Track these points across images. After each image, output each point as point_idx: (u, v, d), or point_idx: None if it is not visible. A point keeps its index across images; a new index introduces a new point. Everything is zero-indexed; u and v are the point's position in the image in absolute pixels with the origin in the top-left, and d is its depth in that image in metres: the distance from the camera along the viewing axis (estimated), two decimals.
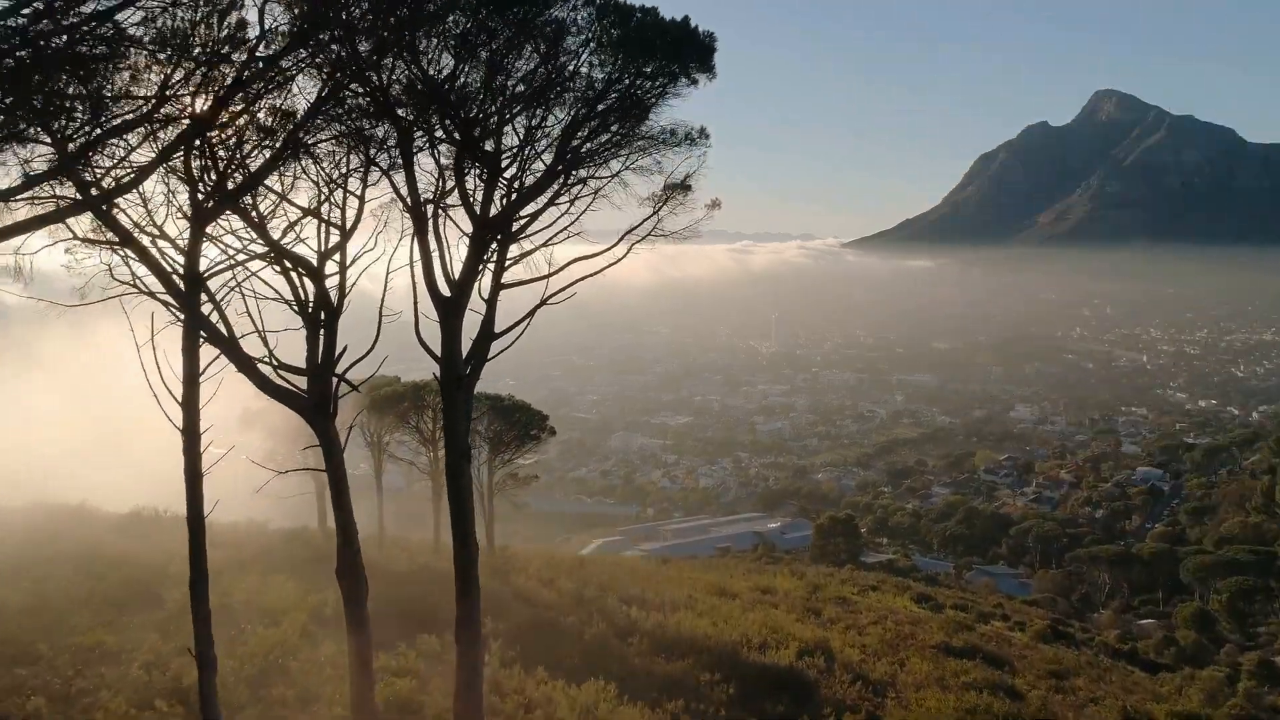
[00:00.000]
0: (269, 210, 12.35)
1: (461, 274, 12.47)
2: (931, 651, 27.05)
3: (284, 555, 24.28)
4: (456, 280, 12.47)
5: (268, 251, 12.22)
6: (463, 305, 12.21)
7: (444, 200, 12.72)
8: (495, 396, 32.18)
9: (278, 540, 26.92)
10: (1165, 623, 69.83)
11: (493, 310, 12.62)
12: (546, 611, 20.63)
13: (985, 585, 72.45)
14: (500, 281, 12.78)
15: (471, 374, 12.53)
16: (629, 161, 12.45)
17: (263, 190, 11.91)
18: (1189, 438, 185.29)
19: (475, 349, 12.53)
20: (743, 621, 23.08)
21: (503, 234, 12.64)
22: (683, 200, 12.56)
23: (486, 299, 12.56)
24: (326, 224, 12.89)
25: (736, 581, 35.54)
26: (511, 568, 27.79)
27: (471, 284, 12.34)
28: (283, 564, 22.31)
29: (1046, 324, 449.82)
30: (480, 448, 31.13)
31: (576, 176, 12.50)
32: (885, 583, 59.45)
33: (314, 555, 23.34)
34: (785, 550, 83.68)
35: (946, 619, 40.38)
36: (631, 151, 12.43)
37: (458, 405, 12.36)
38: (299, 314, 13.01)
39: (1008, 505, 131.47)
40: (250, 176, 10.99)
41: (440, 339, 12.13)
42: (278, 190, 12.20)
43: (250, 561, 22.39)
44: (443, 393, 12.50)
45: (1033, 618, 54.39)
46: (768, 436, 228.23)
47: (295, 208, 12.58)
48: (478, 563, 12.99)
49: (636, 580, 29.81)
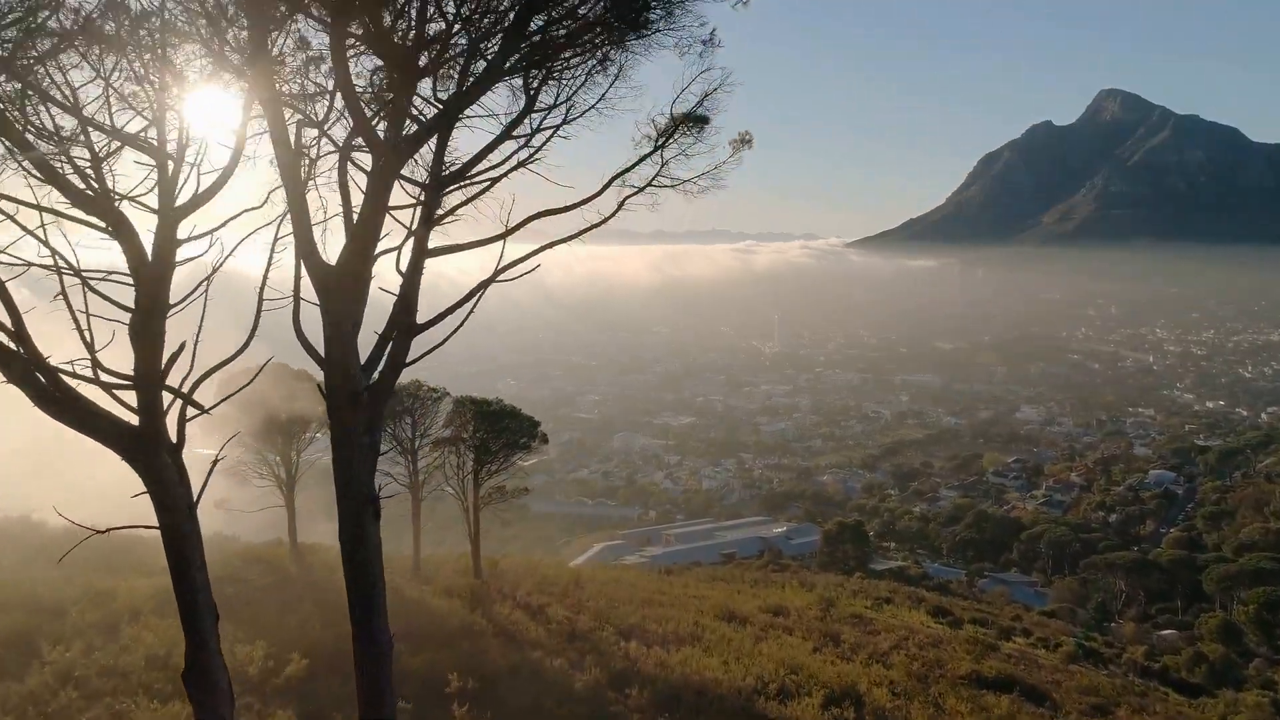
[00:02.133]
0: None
1: (356, 233, 8.59)
2: (964, 685, 24.44)
3: (237, 585, 21.46)
4: (351, 244, 8.64)
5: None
6: (357, 284, 8.61)
7: (316, 109, 9.37)
8: (482, 401, 29.40)
9: (238, 562, 24.27)
10: (1187, 634, 67.36)
11: (412, 290, 8.97)
12: (532, 652, 17.99)
13: (1000, 594, 69.88)
14: (425, 247, 8.91)
15: (378, 387, 8.71)
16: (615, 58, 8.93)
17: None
18: (1199, 439, 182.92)
19: (386, 349, 8.79)
20: (756, 658, 20.45)
21: (432, 179, 8.85)
22: (697, 137, 8.96)
23: (405, 273, 8.94)
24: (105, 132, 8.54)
25: (745, 601, 32.86)
26: (497, 594, 25.14)
27: (370, 249, 8.66)
28: (235, 597, 19.49)
29: (1051, 324, 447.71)
30: (465, 457, 28.56)
31: (535, 83, 9.05)
32: (898, 593, 56.93)
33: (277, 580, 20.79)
34: (792, 557, 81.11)
35: (968, 637, 37.83)
36: (618, 50, 8.84)
37: (354, 436, 8.51)
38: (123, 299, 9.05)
39: (1017, 508, 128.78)
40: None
41: (323, 333, 8.33)
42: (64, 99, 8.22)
43: None
44: (330, 416, 8.57)
45: (1054, 631, 51.95)
46: (771, 437, 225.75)
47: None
48: (391, 662, 9.46)
49: (636, 603, 27.17)
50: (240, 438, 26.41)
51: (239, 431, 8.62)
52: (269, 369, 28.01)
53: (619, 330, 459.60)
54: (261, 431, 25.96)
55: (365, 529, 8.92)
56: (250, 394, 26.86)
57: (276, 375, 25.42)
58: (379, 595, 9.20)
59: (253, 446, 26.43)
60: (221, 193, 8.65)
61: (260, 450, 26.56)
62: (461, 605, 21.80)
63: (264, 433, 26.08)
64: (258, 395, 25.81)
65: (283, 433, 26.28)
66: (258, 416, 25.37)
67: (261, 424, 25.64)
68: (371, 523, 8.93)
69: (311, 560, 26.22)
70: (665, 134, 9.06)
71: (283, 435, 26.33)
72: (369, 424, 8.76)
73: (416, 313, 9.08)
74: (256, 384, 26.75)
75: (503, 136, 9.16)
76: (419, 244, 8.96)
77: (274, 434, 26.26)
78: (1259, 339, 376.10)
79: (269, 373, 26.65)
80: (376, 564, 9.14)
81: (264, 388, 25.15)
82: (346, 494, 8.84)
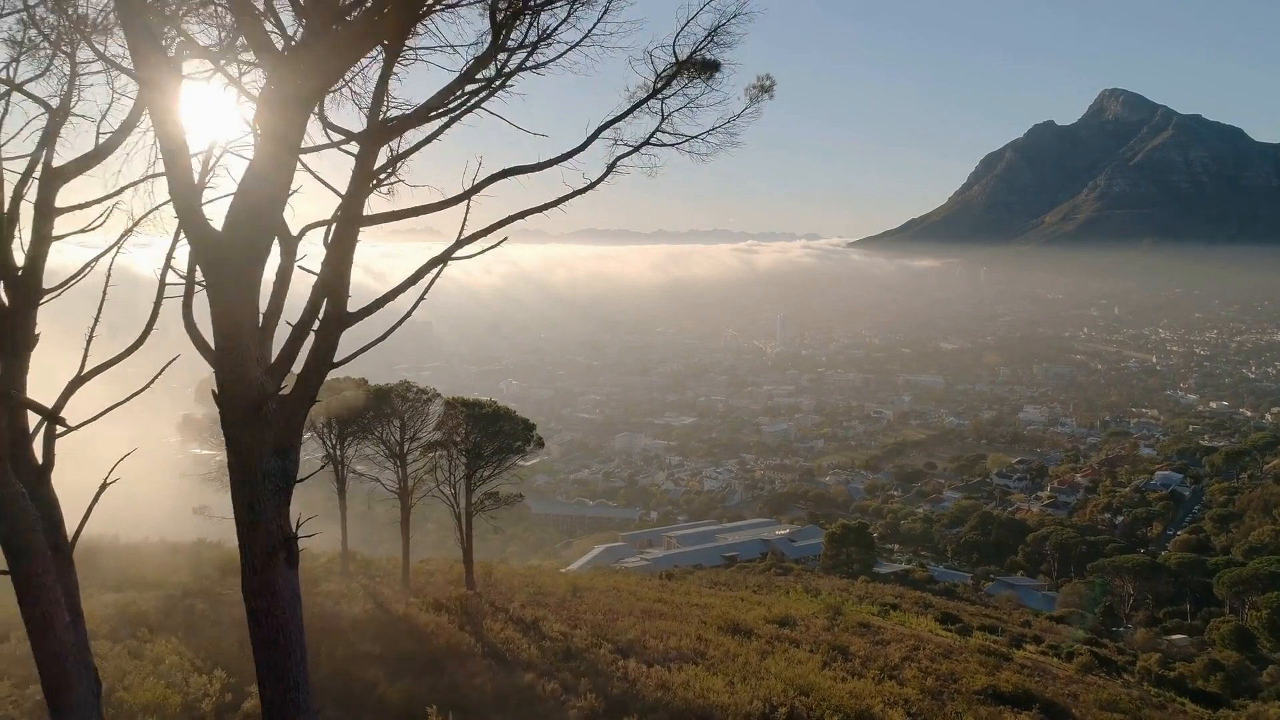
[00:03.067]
0: None
1: (247, 183, 6.49)
2: (982, 701, 23.25)
3: (207, 600, 20.01)
4: (241, 199, 6.51)
5: None
6: (251, 253, 6.53)
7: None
8: (474, 402, 27.97)
9: (213, 573, 22.94)
10: (1198, 639, 66.26)
11: (341, 267, 6.92)
12: (524, 675, 16.73)
13: (1007, 599, 68.66)
14: (358, 212, 6.85)
15: (294, 396, 6.79)
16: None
17: None
18: (1204, 440, 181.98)
19: (302, 345, 6.77)
20: (763, 676, 19.23)
21: (370, 125, 6.85)
22: (707, 84, 7.21)
23: (331, 245, 6.92)
24: None
25: (749, 609, 31.64)
26: (490, 606, 23.87)
27: (269, 207, 6.60)
28: (202, 615, 17.98)
29: (1054, 324, 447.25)
30: (457, 462, 27.27)
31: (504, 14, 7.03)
32: (904, 598, 55.89)
33: None
34: (795, 560, 80.00)
35: (980, 647, 36.68)
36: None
37: (255, 460, 6.58)
38: None
39: (1022, 510, 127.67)
40: None
41: (211, 323, 6.38)
42: None
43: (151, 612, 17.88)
44: (224, 430, 6.75)
45: (1064, 638, 50.83)
46: (773, 438, 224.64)
47: None
48: None
49: (636, 614, 25.92)
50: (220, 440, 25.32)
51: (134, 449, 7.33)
52: None
53: (622, 330, 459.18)
54: None
55: (274, 582, 6.90)
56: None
57: None
58: (296, 667, 7.26)
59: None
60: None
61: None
62: (450, 621, 20.56)
63: None
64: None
65: None
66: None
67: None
68: (284, 573, 6.93)
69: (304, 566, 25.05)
70: (666, 78, 7.28)
71: None
72: (279, 444, 6.72)
73: (348, 297, 7.04)
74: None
75: (463, 80, 7.15)
76: (350, 208, 6.90)
77: None
78: (1262, 339, 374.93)
79: None
80: (292, 626, 7.12)
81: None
82: (249, 536, 6.82)
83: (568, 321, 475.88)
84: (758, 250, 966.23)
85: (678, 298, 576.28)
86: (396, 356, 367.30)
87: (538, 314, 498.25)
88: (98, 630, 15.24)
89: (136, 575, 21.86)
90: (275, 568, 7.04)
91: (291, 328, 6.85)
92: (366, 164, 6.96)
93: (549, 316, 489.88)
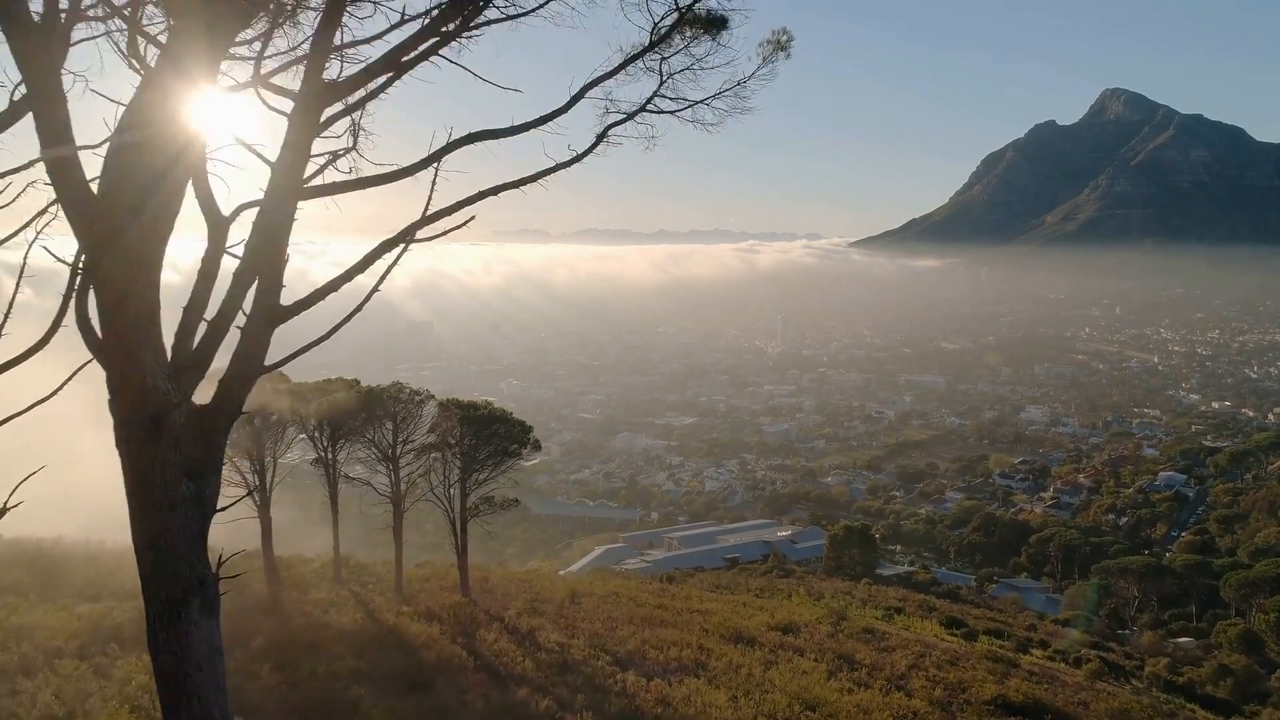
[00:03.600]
0: None
1: (128, 124, 5.33)
2: (992, 713, 22.56)
3: None
4: (129, 152, 5.28)
5: None
6: (145, 234, 5.37)
7: None
8: (469, 404, 27.23)
9: None
10: (1204, 642, 65.53)
11: (273, 248, 5.79)
12: (518, 690, 16.00)
13: (1012, 601, 67.90)
14: (296, 181, 5.73)
15: (213, 408, 5.75)
16: None
17: None
18: (1207, 440, 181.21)
19: (219, 345, 5.63)
20: (767, 689, 18.51)
21: (309, 78, 5.63)
22: (715, 41, 6.15)
23: (258, 221, 5.83)
24: None
25: (752, 616, 30.90)
26: (485, 615, 23.15)
27: (169, 164, 5.34)
28: None
29: (1055, 324, 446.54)
30: (452, 465, 26.51)
31: None
32: (908, 601, 55.18)
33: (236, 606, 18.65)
34: (797, 562, 79.23)
35: (986, 653, 36.02)
36: None
37: (157, 484, 5.43)
38: None
39: (1025, 511, 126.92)
40: None
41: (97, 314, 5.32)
42: None
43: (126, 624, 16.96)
44: (118, 449, 5.55)
45: (1072, 643, 50.14)
46: (774, 438, 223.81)
47: None
48: None
49: (636, 622, 25.18)
50: None
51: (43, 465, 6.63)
52: None
53: (623, 330, 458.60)
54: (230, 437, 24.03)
55: (186, 635, 5.66)
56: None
57: None
58: None
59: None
60: None
61: (230, 456, 24.50)
62: (442, 632, 19.82)
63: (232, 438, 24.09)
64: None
65: (252, 437, 24.24)
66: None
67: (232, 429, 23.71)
68: (199, 624, 5.73)
69: (287, 577, 24.28)
70: (664, 32, 6.16)
71: (251, 439, 24.29)
72: (192, 466, 5.65)
73: (282, 287, 5.87)
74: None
75: (427, 32, 5.88)
76: (286, 175, 5.69)
77: (243, 439, 24.19)
78: (1264, 339, 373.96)
79: None
80: (209, 689, 5.78)
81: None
82: (153, 579, 5.62)
83: (568, 321, 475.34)
84: (759, 250, 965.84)
85: (678, 298, 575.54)
86: (396, 356, 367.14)
87: (538, 314, 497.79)
88: (66, 647, 14.56)
89: (117, 584, 21.16)
90: (186, 616, 5.83)
91: (208, 324, 5.74)
92: (304, 125, 5.69)
93: (550, 316, 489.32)
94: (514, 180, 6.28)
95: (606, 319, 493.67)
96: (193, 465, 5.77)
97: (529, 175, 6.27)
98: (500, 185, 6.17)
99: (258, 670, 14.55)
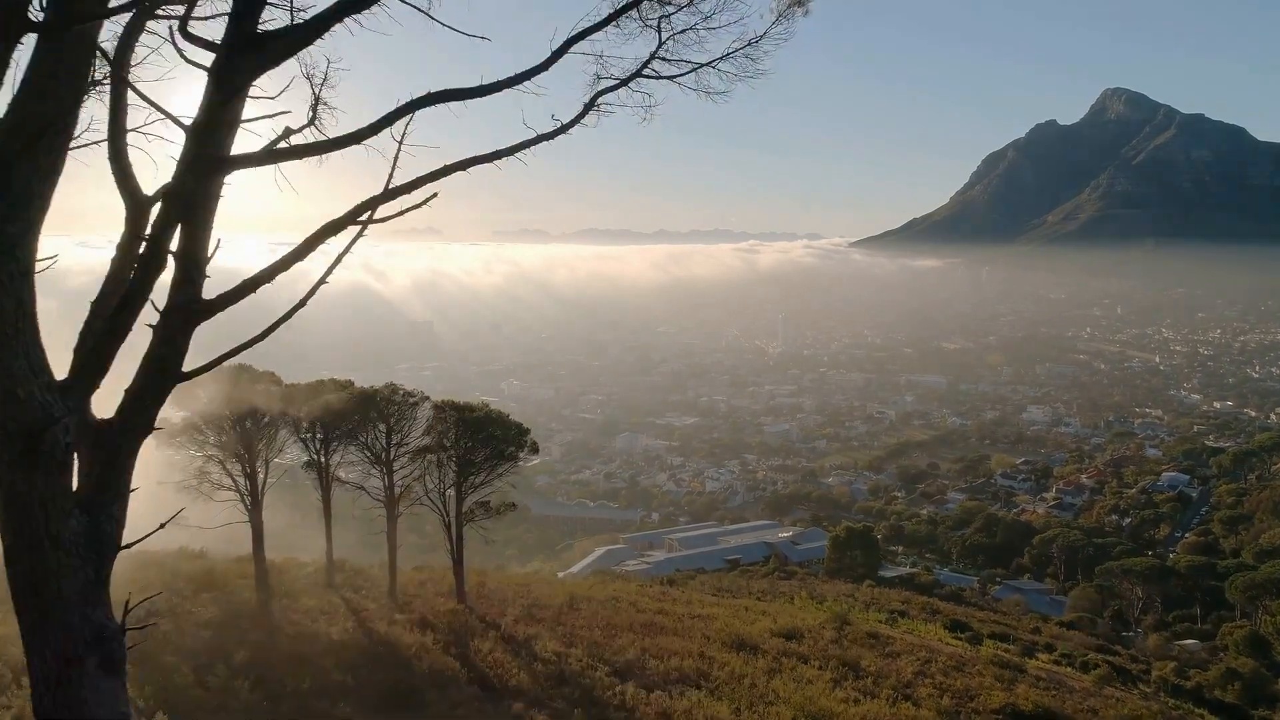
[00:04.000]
0: None
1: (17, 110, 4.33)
2: None
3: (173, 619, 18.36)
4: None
5: None
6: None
7: None
8: (464, 406, 26.46)
9: (186, 588, 21.47)
10: (1210, 645, 65.06)
11: (193, 232, 4.89)
12: (513, 704, 15.41)
13: (1015, 604, 67.34)
14: (219, 150, 4.85)
15: (119, 426, 4.87)
16: None
17: None
18: (1210, 440, 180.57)
19: (116, 348, 4.73)
20: (771, 701, 17.94)
21: (232, 31, 4.77)
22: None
23: (169, 190, 4.92)
24: None
25: (754, 621, 30.31)
26: (481, 622, 22.53)
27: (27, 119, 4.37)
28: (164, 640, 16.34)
29: (1056, 324, 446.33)
30: (446, 468, 25.87)
31: None
32: (911, 603, 54.65)
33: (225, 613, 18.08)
34: (799, 563, 78.68)
35: (992, 658, 35.47)
36: None
37: (34, 516, 4.42)
38: None
39: (1027, 512, 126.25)
40: None
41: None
42: None
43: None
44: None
45: (1078, 646, 49.60)
46: (775, 438, 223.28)
47: None
48: None
49: (636, 630, 24.57)
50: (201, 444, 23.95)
51: None
52: (225, 368, 25.59)
53: (623, 330, 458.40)
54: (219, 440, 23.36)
55: (82, 697, 4.58)
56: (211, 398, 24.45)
57: (233, 375, 22.94)
58: None
59: (214, 456, 23.83)
60: None
61: (221, 460, 23.91)
62: (435, 642, 19.23)
63: (222, 441, 23.49)
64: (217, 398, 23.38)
65: (243, 441, 23.62)
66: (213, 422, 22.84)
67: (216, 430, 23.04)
68: (96, 686, 4.62)
69: (279, 584, 23.66)
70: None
71: (243, 443, 23.67)
72: (88, 496, 4.71)
73: (204, 278, 4.96)
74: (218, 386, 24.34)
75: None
76: (203, 144, 4.80)
77: (232, 442, 23.57)
78: (1266, 339, 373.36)
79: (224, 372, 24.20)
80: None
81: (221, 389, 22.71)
82: (38, 630, 4.59)
83: (569, 321, 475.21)
84: (759, 250, 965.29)
85: (679, 298, 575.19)
86: (397, 356, 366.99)
87: (539, 314, 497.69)
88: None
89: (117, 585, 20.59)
90: (81, 681, 4.77)
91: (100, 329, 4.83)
92: (226, 83, 4.75)
93: (550, 316, 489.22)
94: (487, 154, 5.45)
95: (607, 319, 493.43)
96: (88, 494, 4.85)
97: (504, 148, 5.45)
98: (470, 159, 5.34)
99: (238, 688, 13.90)
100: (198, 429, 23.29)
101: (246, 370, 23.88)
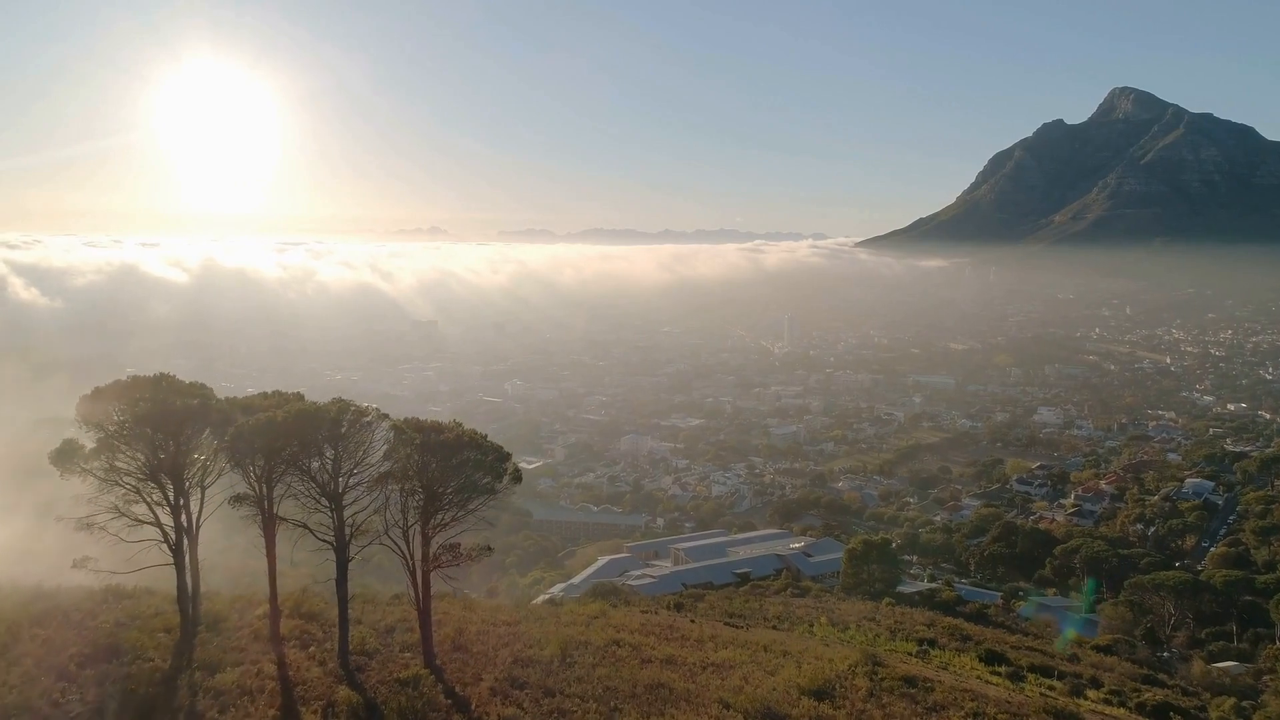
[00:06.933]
0: None
1: None
2: None
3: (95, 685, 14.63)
4: None
5: None
6: None
7: None
8: (430, 427, 21.47)
9: (79, 656, 17.36)
10: (1251, 666, 60.99)
11: None
12: None
13: (1045, 624, 63.06)
14: None
15: None
16: None
17: None
18: (1228, 444, 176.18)
19: None
20: None
21: None
22: None
23: None
24: None
25: (777, 670, 26.04)
26: (447, 699, 18.22)
27: None
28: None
29: (1065, 324, 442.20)
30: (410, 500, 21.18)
31: None
32: (937, 626, 50.58)
33: (152, 668, 13.96)
34: (812, 577, 74.56)
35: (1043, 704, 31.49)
36: None
37: None
38: None
39: (1045, 520, 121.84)
40: None
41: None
42: None
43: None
44: None
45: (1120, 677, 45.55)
46: (783, 440, 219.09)
47: None
48: None
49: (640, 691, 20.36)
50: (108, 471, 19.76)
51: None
52: (145, 383, 21.37)
53: (628, 330, 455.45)
54: (133, 465, 19.22)
55: None
56: (127, 417, 20.33)
57: (155, 389, 18.80)
58: None
59: (130, 485, 19.65)
60: None
61: (138, 490, 19.68)
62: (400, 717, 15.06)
63: (137, 467, 19.33)
64: (134, 418, 19.19)
65: (165, 467, 19.38)
66: (127, 444, 18.74)
67: (129, 454, 18.92)
68: None
69: (206, 643, 19.39)
70: None
71: (166, 470, 19.43)
72: None
73: None
74: (138, 403, 20.20)
75: None
76: None
77: (149, 468, 19.33)
78: (1279, 340, 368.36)
79: (140, 383, 20.09)
80: None
81: (133, 405, 18.55)
82: None
83: (574, 321, 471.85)
84: (764, 250, 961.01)
85: (684, 298, 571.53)
86: (401, 355, 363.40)
87: (544, 314, 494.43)
88: None
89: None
90: None
91: None
92: None
93: (555, 316, 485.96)
94: None
95: (612, 319, 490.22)
96: None
97: None
98: None
99: None
100: (108, 451, 19.12)
101: (167, 380, 19.71)
